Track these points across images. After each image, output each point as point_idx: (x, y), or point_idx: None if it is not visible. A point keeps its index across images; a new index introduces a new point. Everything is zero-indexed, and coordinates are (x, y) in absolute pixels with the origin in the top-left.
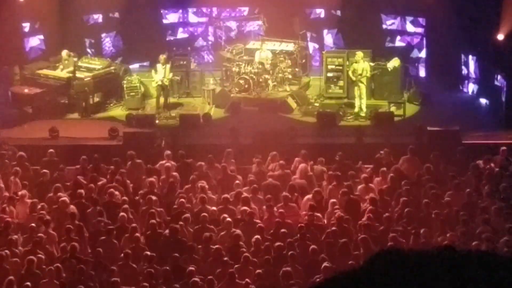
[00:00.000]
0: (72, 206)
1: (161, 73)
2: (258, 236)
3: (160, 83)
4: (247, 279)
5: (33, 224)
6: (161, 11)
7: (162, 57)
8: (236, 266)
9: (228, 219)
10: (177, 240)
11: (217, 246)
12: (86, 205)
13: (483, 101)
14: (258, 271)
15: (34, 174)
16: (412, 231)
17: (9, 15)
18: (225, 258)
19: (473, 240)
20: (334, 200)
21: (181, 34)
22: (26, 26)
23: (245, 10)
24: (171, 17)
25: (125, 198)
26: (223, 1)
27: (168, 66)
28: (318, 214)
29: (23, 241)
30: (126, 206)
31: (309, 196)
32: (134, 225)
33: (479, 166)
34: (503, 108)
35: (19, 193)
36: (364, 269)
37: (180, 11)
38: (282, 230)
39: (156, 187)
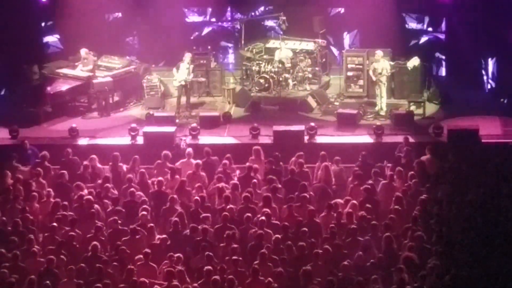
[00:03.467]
0: (96, 206)
1: (184, 72)
2: (278, 236)
3: (183, 82)
4: (269, 278)
5: (54, 224)
6: (184, 10)
7: (189, 56)
8: (256, 264)
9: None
10: (197, 239)
11: (237, 245)
12: (106, 204)
13: (502, 100)
14: (278, 269)
15: (54, 174)
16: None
17: (28, 13)
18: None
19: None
20: (355, 202)
21: (206, 32)
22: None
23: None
24: (194, 17)
25: (144, 198)
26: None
27: (192, 66)
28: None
29: (43, 240)
30: (146, 206)
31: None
32: (151, 224)
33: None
34: None
35: (44, 192)
36: None
37: (203, 10)
38: (303, 229)
39: (170, 186)
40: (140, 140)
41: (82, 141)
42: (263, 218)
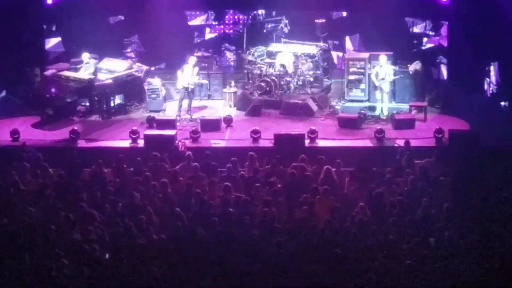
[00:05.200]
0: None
1: (188, 75)
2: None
3: (186, 85)
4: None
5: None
6: (186, 13)
7: (193, 59)
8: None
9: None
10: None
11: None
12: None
13: (503, 104)
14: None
15: (53, 176)
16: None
17: (31, 16)
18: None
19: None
20: (362, 204)
21: (208, 35)
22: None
23: (262, 12)
24: (196, 20)
25: (145, 201)
26: (245, 3)
27: (197, 68)
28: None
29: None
30: (148, 208)
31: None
32: (153, 227)
33: None
34: None
35: None
36: None
37: (206, 13)
38: (303, 231)
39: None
40: (141, 143)
41: (83, 144)
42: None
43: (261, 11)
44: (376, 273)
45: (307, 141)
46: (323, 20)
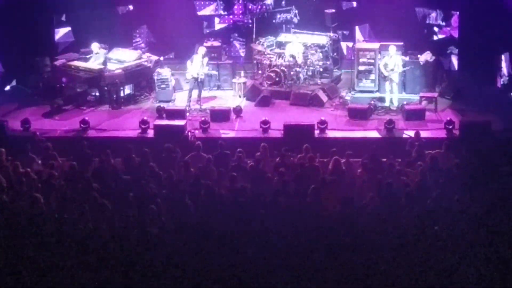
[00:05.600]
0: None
1: (198, 66)
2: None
3: (195, 75)
4: None
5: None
6: (195, 3)
7: (202, 49)
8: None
9: None
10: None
11: None
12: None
13: None
14: None
15: (64, 165)
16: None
17: (40, 6)
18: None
19: None
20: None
21: (218, 25)
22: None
23: (272, 2)
24: (206, 10)
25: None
26: None
27: (206, 59)
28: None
29: None
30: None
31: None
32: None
33: None
34: None
35: None
36: None
37: (215, 3)
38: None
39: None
40: (150, 133)
41: (93, 134)
42: None
43: (270, 1)
44: (384, 265)
45: (316, 132)
46: (333, 10)
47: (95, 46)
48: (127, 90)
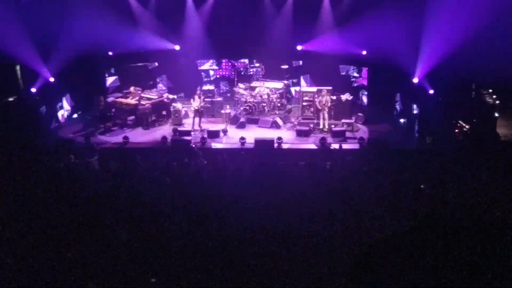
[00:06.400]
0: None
1: (197, 101)
2: None
3: (197, 108)
4: None
5: None
6: (197, 61)
7: (199, 91)
8: None
9: None
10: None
11: None
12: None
13: (402, 120)
14: None
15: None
16: None
17: (98, 63)
18: None
19: None
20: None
21: (212, 76)
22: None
23: (246, 60)
24: (205, 66)
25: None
26: (235, 55)
27: (202, 97)
28: None
29: None
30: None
31: None
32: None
33: None
34: (415, 125)
35: None
36: None
37: (210, 61)
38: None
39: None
40: (169, 144)
41: (131, 145)
42: None
43: (246, 60)
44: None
45: (276, 145)
46: (287, 66)
47: (132, 88)
48: (153, 117)
